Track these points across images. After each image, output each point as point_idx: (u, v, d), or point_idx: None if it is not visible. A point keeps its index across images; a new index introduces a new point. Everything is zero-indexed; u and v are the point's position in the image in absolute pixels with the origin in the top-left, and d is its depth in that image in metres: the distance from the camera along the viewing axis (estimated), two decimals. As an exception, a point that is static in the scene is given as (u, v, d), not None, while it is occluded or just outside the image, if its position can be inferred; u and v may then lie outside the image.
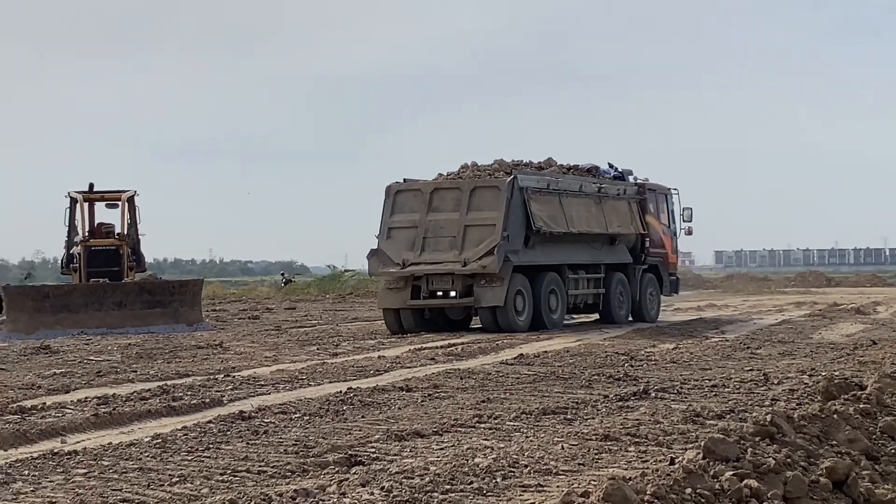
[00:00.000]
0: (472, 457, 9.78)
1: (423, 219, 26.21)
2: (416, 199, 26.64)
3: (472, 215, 25.81)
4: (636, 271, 30.51)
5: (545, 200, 26.98)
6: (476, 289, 25.63)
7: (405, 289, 26.14)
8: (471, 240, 25.51)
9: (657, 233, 31.96)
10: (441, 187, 26.74)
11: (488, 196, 25.97)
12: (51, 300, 28.44)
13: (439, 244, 25.95)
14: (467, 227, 25.68)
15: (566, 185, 28.22)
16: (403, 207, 26.69)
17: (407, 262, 25.81)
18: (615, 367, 17.45)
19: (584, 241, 28.80)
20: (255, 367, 18.64)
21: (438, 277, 25.96)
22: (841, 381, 10.97)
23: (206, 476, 9.33)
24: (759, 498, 7.18)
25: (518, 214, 25.95)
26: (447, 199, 26.38)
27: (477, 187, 26.19)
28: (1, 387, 16.10)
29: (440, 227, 26.07)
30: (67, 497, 8.54)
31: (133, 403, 14.06)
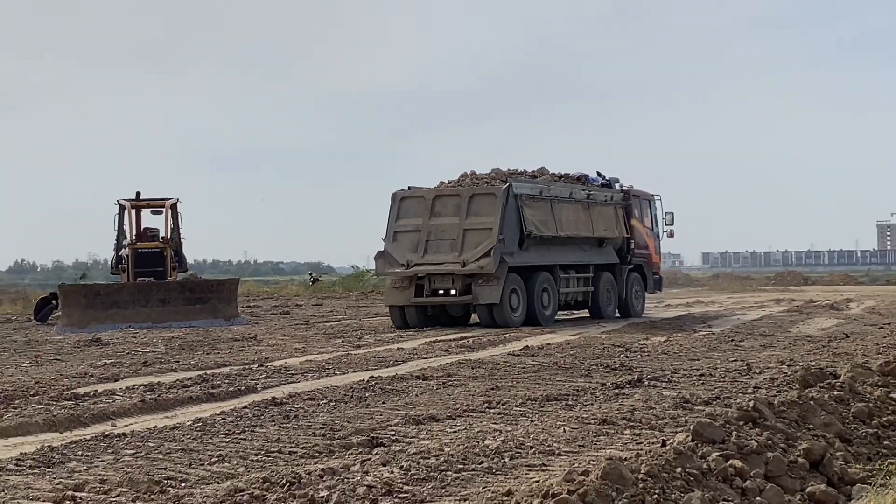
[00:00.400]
0: (483, 439, 9.78)
1: (426, 223, 26.05)
2: (420, 204, 26.49)
3: (471, 220, 25.67)
4: (622, 271, 30.29)
5: (538, 206, 26.81)
6: (474, 287, 25.47)
7: (409, 287, 25.99)
8: (469, 242, 25.39)
9: (641, 235, 31.73)
10: (442, 194, 26.64)
11: (485, 202, 25.82)
12: (102, 297, 28.48)
13: (440, 246, 25.79)
14: (466, 231, 25.53)
15: (557, 192, 28.02)
16: (408, 213, 26.55)
17: (411, 263, 25.69)
18: (612, 357, 17.43)
19: (574, 244, 28.58)
20: (286, 358, 18.65)
21: (440, 277, 25.81)
22: (817, 371, 10.95)
23: (242, 456, 9.36)
24: (742, 476, 7.18)
25: (513, 219, 25.77)
26: (448, 205, 26.23)
27: (475, 194, 26.08)
28: (57, 375, 16.14)
29: (441, 230, 25.90)
30: (117, 475, 8.56)
31: (176, 391, 14.08)
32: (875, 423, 9.08)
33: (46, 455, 9.51)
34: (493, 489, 7.48)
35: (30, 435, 11.04)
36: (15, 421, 11.65)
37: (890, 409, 9.40)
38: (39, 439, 10.63)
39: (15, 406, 12.84)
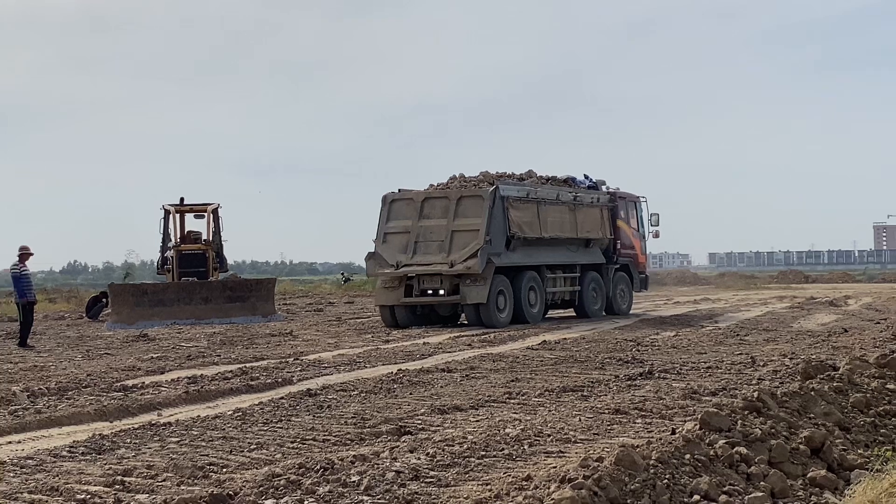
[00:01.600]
0: (503, 427, 9.78)
1: (415, 225, 25.15)
2: (409, 207, 25.54)
3: (459, 222, 24.81)
4: (609, 270, 29.31)
5: (524, 208, 25.87)
6: (462, 288, 24.57)
7: (399, 287, 25.06)
8: (457, 244, 24.53)
9: (627, 236, 30.74)
10: (431, 196, 25.64)
11: (473, 204, 24.91)
12: (148, 296, 28.61)
13: (429, 247, 24.92)
14: (454, 233, 24.68)
15: (544, 194, 26.93)
16: (398, 215, 25.61)
17: (400, 264, 24.81)
18: (624, 351, 17.39)
19: (560, 244, 27.54)
20: (320, 352, 18.67)
21: (428, 277, 24.89)
22: (817, 363, 10.89)
23: (279, 444, 9.38)
24: (747, 463, 7.15)
25: (499, 221, 24.85)
26: (436, 207, 25.28)
27: (463, 196, 25.17)
28: (107, 368, 16.21)
29: (430, 232, 25.02)
30: (163, 461, 8.58)
31: (217, 382, 14.12)
32: (872, 412, 9.03)
33: (97, 442, 9.56)
34: (514, 474, 7.47)
35: (82, 424, 11.10)
36: (68, 411, 11.71)
37: (886, 399, 9.35)
38: (91, 428, 10.68)
39: (68, 397, 12.91)
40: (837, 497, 6.86)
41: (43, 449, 9.38)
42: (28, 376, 15.38)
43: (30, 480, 7.98)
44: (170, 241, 32.43)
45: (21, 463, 8.70)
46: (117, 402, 12.35)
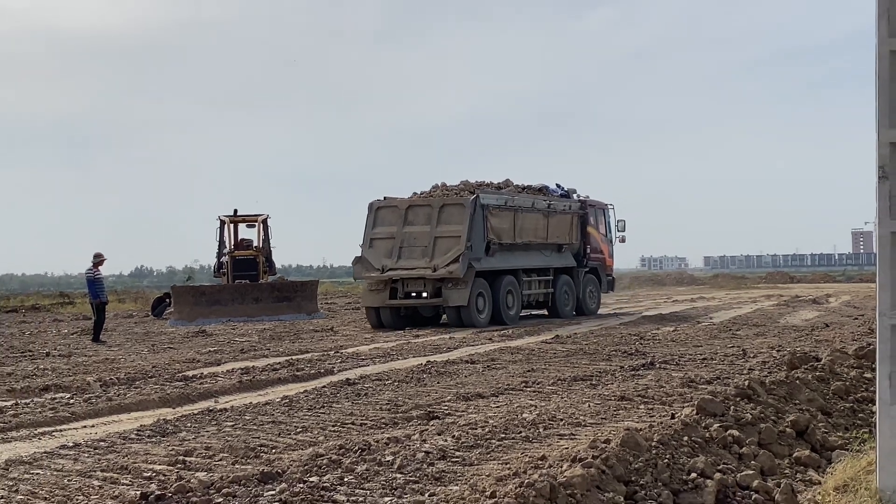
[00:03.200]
0: (521, 413, 9.76)
1: (400, 231, 24.03)
2: (394, 213, 24.38)
3: (441, 228, 23.72)
4: (579, 273, 28.27)
5: (502, 216, 24.83)
6: (444, 291, 23.57)
7: (384, 290, 23.93)
8: (440, 249, 23.48)
9: (596, 241, 29.60)
10: (415, 204, 24.51)
11: (455, 212, 23.80)
12: (206, 296, 28.73)
13: (413, 252, 23.77)
14: (437, 239, 23.63)
15: (521, 202, 25.81)
16: (383, 221, 24.44)
17: (385, 268, 23.67)
18: (628, 344, 17.33)
19: (536, 249, 26.54)
20: (358, 346, 18.71)
21: (412, 281, 23.81)
22: (802, 355, 10.84)
23: (322, 427, 9.39)
24: (739, 444, 7.12)
25: (479, 227, 23.80)
26: (420, 214, 24.13)
27: (445, 204, 24.03)
28: (170, 361, 16.28)
29: (414, 238, 23.88)
30: (219, 443, 8.61)
31: (267, 373, 14.15)
32: (851, 398, 8.98)
33: (161, 426, 9.60)
34: (530, 454, 7.45)
35: (148, 410, 11.16)
36: (136, 398, 11.77)
37: (863, 386, 9.29)
38: (156, 413, 10.73)
39: (136, 386, 12.98)
40: (820, 475, 6.82)
41: (114, 432, 9.44)
42: (100, 368, 15.48)
43: (102, 460, 8.02)
44: (225, 248, 32.57)
45: (94, 444, 8.75)
46: (179, 390, 12.41)
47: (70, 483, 7.16)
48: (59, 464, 7.92)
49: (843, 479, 6.15)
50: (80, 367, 15.73)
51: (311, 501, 6.37)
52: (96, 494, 6.75)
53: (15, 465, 7.90)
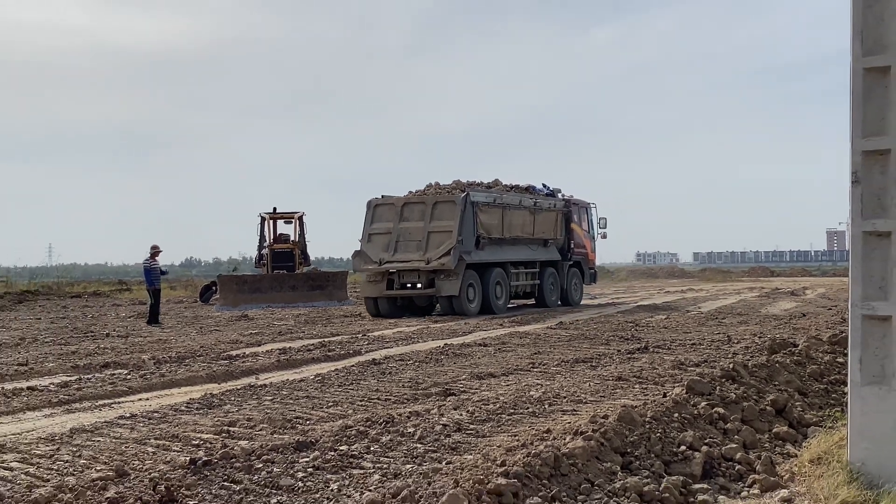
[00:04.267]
0: (528, 391, 9.76)
1: (396, 226, 23.32)
2: (391, 210, 23.64)
3: (434, 224, 23.02)
4: (563, 266, 27.56)
5: (491, 212, 24.06)
6: (437, 282, 22.82)
7: (382, 282, 23.22)
8: (433, 243, 22.79)
9: (580, 237, 28.84)
10: (410, 201, 23.75)
11: (447, 209, 23.09)
12: (248, 285, 28.85)
13: (408, 246, 23.09)
14: (430, 233, 22.94)
15: (509, 200, 25.00)
16: (381, 217, 23.69)
17: (383, 261, 22.99)
18: (625, 331, 17.29)
19: (523, 244, 25.72)
20: (382, 330, 18.73)
21: (408, 273, 23.04)
22: (781, 341, 10.78)
23: (351, 402, 9.42)
24: (724, 420, 7.10)
25: (470, 223, 23.06)
26: (415, 211, 23.44)
27: (438, 202, 23.32)
28: (216, 341, 16.35)
29: (409, 233, 23.20)
30: (259, 415, 8.65)
31: (302, 353, 14.20)
32: (825, 380, 8.93)
33: (208, 400, 9.65)
34: (536, 428, 7.46)
35: (196, 385, 11.22)
36: (185, 375, 11.83)
37: (836, 370, 9.24)
38: (203, 388, 10.79)
39: (185, 364, 13.04)
40: (797, 448, 6.80)
41: (166, 404, 9.49)
42: (154, 347, 15.56)
43: (156, 429, 8.07)
44: (265, 241, 32.69)
45: (148, 415, 8.80)
46: (224, 368, 12.46)
47: (127, 449, 7.21)
48: (117, 432, 7.97)
49: (817, 452, 6.14)
50: (136, 346, 15.82)
51: (341, 468, 6.39)
52: (150, 459, 6.79)
53: (78, 433, 7.96)
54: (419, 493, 5.09)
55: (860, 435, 5.55)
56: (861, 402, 5.53)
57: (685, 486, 5.77)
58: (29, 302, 31.98)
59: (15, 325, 21.98)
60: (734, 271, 73.21)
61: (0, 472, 6.56)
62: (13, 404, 9.67)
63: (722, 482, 6.00)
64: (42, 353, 14.85)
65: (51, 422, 8.72)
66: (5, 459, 6.94)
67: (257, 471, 6.27)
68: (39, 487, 5.97)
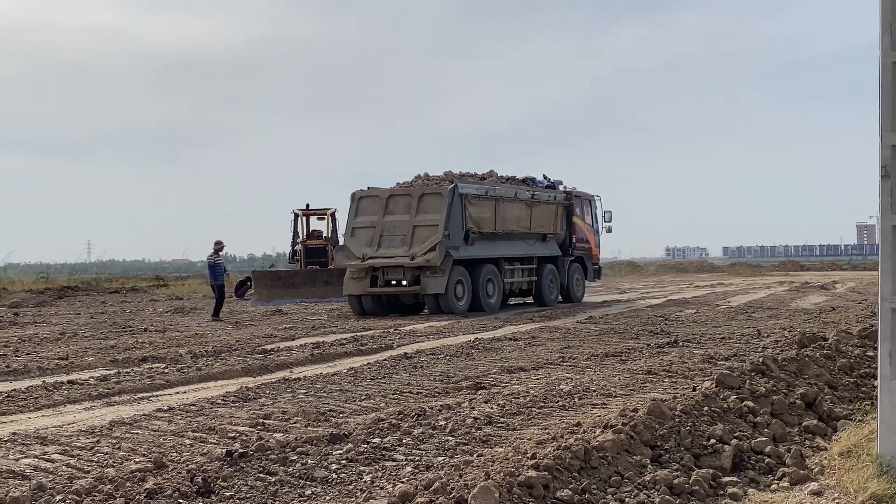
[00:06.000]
0: (558, 384, 9.75)
1: (381, 220, 21.89)
2: (375, 203, 22.20)
3: (420, 217, 21.57)
4: (564, 262, 25.99)
5: (482, 205, 22.53)
6: (422, 279, 21.37)
7: (365, 278, 21.80)
8: (418, 238, 21.37)
9: (582, 231, 27.25)
10: (395, 193, 22.29)
11: (433, 201, 21.62)
12: (282, 280, 28.97)
13: (393, 241, 21.63)
14: (416, 227, 21.51)
15: (503, 192, 23.40)
16: (365, 211, 22.29)
17: (366, 256, 21.58)
18: (655, 325, 17.22)
19: (519, 238, 24.14)
20: (414, 324, 18.76)
21: (392, 269, 21.63)
22: (811, 335, 10.70)
23: (383, 395, 9.45)
24: (754, 413, 7.05)
25: (458, 216, 21.62)
26: (400, 204, 21.97)
27: (424, 194, 21.86)
28: (251, 336, 16.45)
29: (394, 227, 21.74)
30: (294, 407, 8.70)
31: (335, 347, 14.25)
32: (855, 374, 8.86)
33: (244, 393, 9.72)
34: (567, 421, 7.45)
35: (232, 378, 11.29)
36: (222, 368, 11.92)
37: (866, 363, 9.15)
38: (239, 382, 10.86)
39: (222, 358, 13.14)
40: (826, 442, 6.75)
41: (203, 398, 9.57)
42: (191, 342, 15.68)
43: (193, 422, 8.14)
44: (298, 237, 32.81)
45: (186, 408, 8.88)
46: (259, 362, 12.54)
47: (165, 441, 7.28)
48: (155, 425, 8.04)
49: (847, 445, 6.09)
50: (173, 340, 15.95)
51: (374, 460, 6.42)
52: (188, 451, 6.85)
53: (118, 425, 8.05)
54: (451, 486, 5.11)
55: (890, 428, 5.49)
56: (891, 395, 5.47)
57: (715, 479, 5.75)
58: (69, 297, 32.35)
59: (55, 319, 22.24)
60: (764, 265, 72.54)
61: (42, 463, 6.65)
62: (54, 397, 9.79)
63: (752, 475, 5.97)
64: (82, 347, 15.01)
65: (91, 414, 8.81)
66: (47, 451, 7.03)
67: (292, 463, 6.31)
68: (80, 479, 6.04)
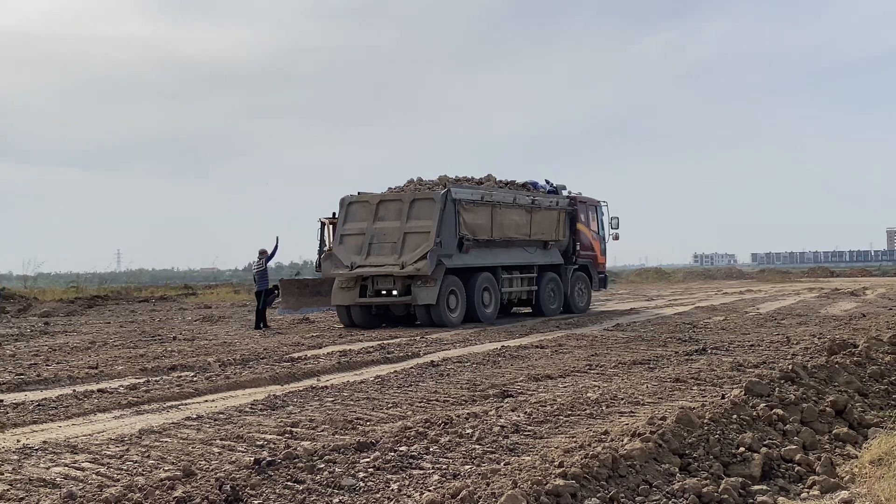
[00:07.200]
0: (585, 392, 9.72)
1: (370, 227, 20.78)
2: (365, 209, 21.09)
3: (411, 223, 20.42)
4: (567, 271, 24.57)
5: (477, 211, 21.30)
6: (413, 288, 20.24)
7: (354, 288, 20.76)
8: (409, 245, 20.24)
9: (587, 238, 25.76)
10: (386, 199, 21.11)
11: (425, 207, 20.46)
12: (309, 288, 29.00)
13: (382, 249, 20.53)
14: (406, 234, 20.35)
15: (500, 197, 22.09)
16: (354, 217, 21.20)
17: (354, 265, 20.52)
18: (682, 332, 17.12)
19: (517, 245, 22.80)
20: (440, 332, 18.75)
21: (382, 278, 20.52)
22: (841, 342, 10.60)
23: (410, 403, 9.45)
24: (783, 421, 7.00)
25: (451, 223, 20.44)
26: (391, 210, 20.80)
27: (416, 199, 20.66)
28: (278, 344, 16.50)
29: (384, 234, 20.62)
30: (321, 416, 8.71)
31: (362, 355, 14.27)
32: (885, 381, 8.76)
33: (271, 401, 9.75)
34: (594, 429, 7.42)
35: (260, 387, 11.34)
36: (249, 377, 11.96)
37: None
38: (266, 390, 10.89)
39: (250, 366, 13.18)
40: (857, 449, 6.68)
41: (231, 406, 9.61)
42: (219, 350, 15.76)
43: (221, 430, 8.18)
44: (325, 246, 32.85)
45: (214, 416, 8.93)
46: (286, 370, 12.57)
47: (194, 449, 7.32)
48: (184, 433, 8.09)
49: (877, 453, 6.03)
50: (202, 349, 16.04)
51: (401, 468, 6.42)
52: (216, 459, 6.88)
53: (147, 433, 8.10)
54: (478, 494, 5.10)
55: (923, 437, 5.43)
56: (923, 403, 5.41)
57: (744, 488, 5.70)
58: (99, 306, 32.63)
59: (85, 328, 22.44)
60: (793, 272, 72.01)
61: (72, 471, 6.70)
62: (84, 406, 9.87)
63: (781, 483, 5.92)
64: (111, 356, 15.13)
65: (120, 423, 8.88)
66: (77, 460, 7.09)
67: (319, 471, 6.33)
68: (110, 487, 6.08)
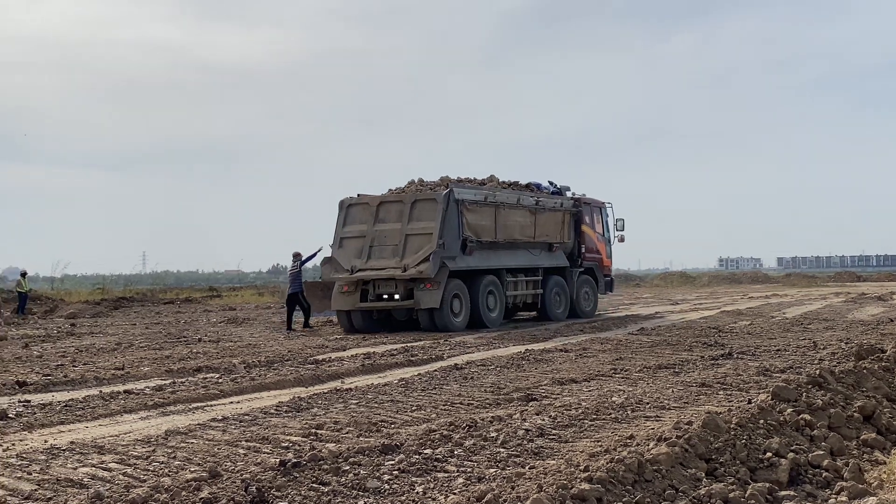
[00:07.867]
0: (610, 396, 9.68)
1: (371, 229, 20.29)
2: (365, 211, 20.59)
3: (413, 225, 19.96)
4: (573, 273, 23.99)
5: (480, 212, 20.82)
6: (416, 292, 19.79)
7: (355, 292, 20.28)
8: (411, 247, 19.79)
9: (592, 240, 25.26)
10: (386, 200, 20.62)
11: (427, 208, 19.98)
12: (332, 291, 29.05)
13: (383, 252, 20.07)
14: (408, 236, 19.89)
15: (504, 198, 21.55)
16: (354, 219, 20.67)
17: (355, 269, 20.07)
18: (708, 336, 17.03)
19: (522, 247, 22.29)
20: (464, 335, 18.75)
21: (383, 282, 20.03)
22: (868, 347, 10.51)
23: (434, 406, 9.45)
24: (811, 427, 6.95)
25: (454, 224, 19.98)
26: (391, 211, 20.32)
27: (417, 200, 20.17)
28: (303, 346, 16.58)
29: (384, 236, 20.15)
30: (345, 418, 8.74)
31: (386, 358, 14.30)
32: (916, 387, 8.69)
33: (296, 403, 9.79)
34: (619, 434, 7.39)
35: (285, 389, 11.38)
36: (274, 379, 12.01)
37: (928, 377, 8.97)
38: (291, 392, 10.94)
39: (274, 368, 13.25)
40: (885, 455, 6.62)
41: (256, 408, 9.64)
42: (244, 352, 15.85)
43: (246, 431, 8.21)
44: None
45: (240, 418, 8.97)
46: (311, 372, 12.62)
47: (219, 451, 7.35)
48: (210, 434, 8.13)
49: (908, 460, 5.97)
50: (227, 351, 16.13)
51: (425, 471, 6.42)
52: (241, 461, 6.92)
53: (173, 434, 8.15)
54: (503, 497, 5.09)
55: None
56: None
57: (771, 493, 5.67)
58: (124, 308, 32.89)
59: (111, 330, 22.62)
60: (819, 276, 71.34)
61: (99, 472, 6.75)
62: (111, 407, 9.95)
63: (809, 489, 5.87)
64: (137, 357, 15.24)
65: (146, 424, 8.94)
66: (104, 460, 7.14)
67: (344, 473, 6.34)
68: (136, 488, 6.13)
